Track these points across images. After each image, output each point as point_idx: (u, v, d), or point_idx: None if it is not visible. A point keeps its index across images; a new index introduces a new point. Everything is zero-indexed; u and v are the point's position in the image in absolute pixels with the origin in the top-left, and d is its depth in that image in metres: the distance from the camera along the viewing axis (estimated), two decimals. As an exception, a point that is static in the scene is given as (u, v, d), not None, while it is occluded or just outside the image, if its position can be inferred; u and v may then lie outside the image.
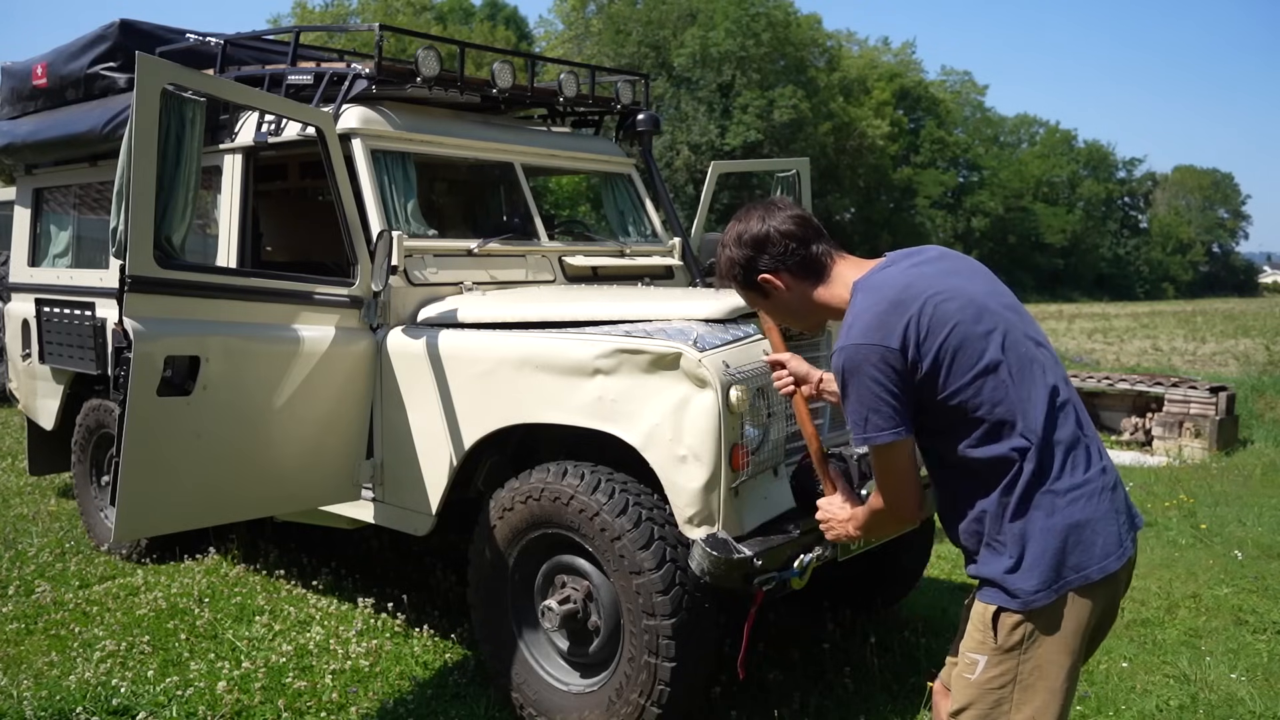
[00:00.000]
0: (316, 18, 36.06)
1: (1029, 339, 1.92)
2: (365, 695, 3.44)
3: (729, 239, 2.08)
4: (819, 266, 2.04)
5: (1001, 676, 1.87)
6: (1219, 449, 8.50)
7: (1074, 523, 1.83)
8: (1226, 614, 4.45)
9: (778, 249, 2.02)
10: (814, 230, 2.05)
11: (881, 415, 1.86)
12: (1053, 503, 1.83)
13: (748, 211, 2.08)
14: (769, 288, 2.06)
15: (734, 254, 2.07)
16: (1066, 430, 1.88)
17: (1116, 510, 1.89)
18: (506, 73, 4.31)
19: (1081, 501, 1.85)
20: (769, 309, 2.15)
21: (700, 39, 38.99)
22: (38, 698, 3.33)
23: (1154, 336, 22.77)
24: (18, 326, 5.45)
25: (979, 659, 1.89)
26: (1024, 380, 1.86)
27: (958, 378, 1.84)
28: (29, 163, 5.45)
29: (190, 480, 3.21)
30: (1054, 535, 1.82)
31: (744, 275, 2.08)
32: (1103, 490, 1.88)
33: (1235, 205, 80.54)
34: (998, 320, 1.89)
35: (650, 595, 2.91)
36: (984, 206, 55.88)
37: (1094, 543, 1.84)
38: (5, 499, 6.31)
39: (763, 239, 2.03)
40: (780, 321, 2.21)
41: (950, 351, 1.84)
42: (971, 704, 1.90)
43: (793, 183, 5.34)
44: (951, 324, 1.85)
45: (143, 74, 2.90)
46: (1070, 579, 1.83)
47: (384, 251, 3.51)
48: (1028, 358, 1.89)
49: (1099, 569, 1.84)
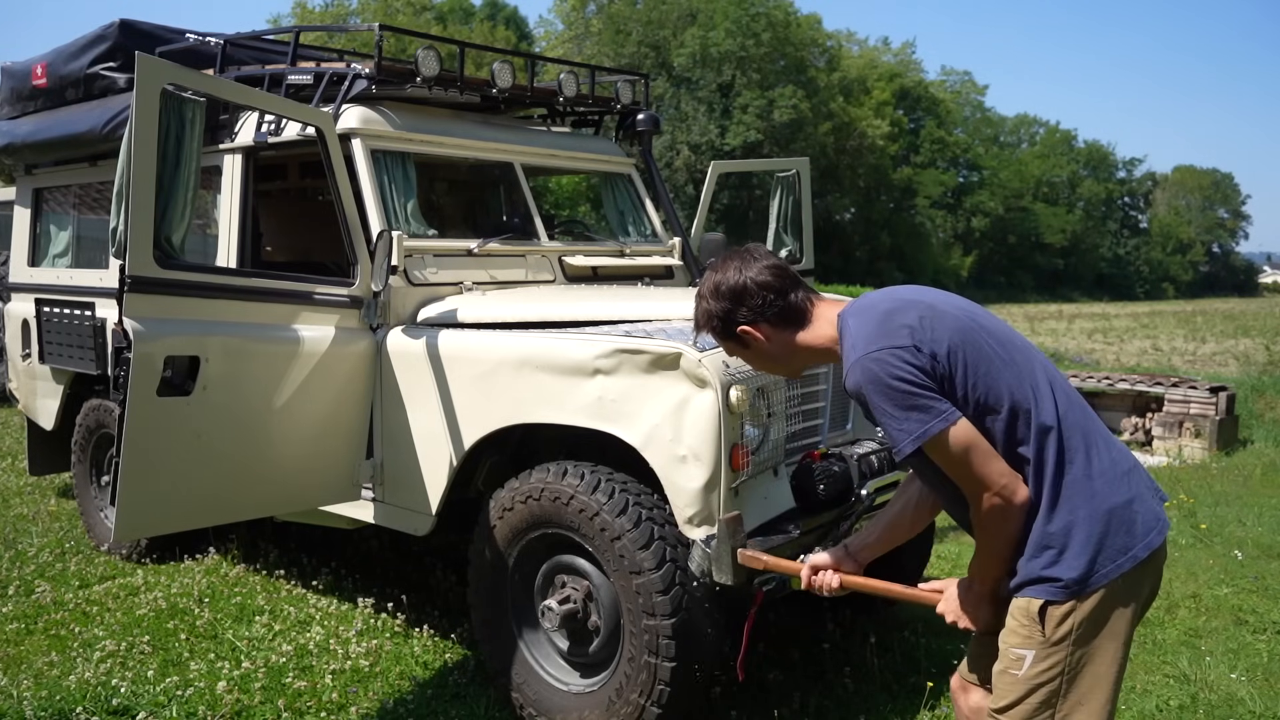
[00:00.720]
0: (316, 18, 36.07)
1: (1016, 339, 1.95)
2: (365, 695, 3.44)
3: (705, 290, 2.06)
4: (799, 314, 2.02)
5: (1051, 669, 1.84)
6: (1219, 449, 8.50)
7: (1113, 505, 1.83)
8: (1226, 614, 4.45)
9: (755, 301, 2.00)
10: (790, 279, 2.03)
11: (922, 409, 1.81)
12: (1089, 488, 1.83)
13: (724, 261, 2.06)
14: (748, 339, 2.04)
15: (711, 306, 2.04)
16: (1080, 416, 1.89)
17: (1145, 486, 1.90)
18: (506, 73, 4.31)
19: (1115, 483, 1.84)
20: (749, 358, 2.11)
21: (700, 39, 39.00)
22: (38, 698, 3.32)
23: (1154, 336, 22.78)
24: (18, 326, 5.45)
25: (1026, 653, 1.86)
26: (1029, 372, 1.88)
27: (974, 369, 1.85)
28: (29, 163, 5.45)
29: (190, 480, 3.21)
30: (1096, 521, 1.82)
31: (723, 327, 2.06)
32: (1129, 470, 1.88)
33: (1235, 205, 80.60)
34: (988, 323, 1.93)
35: (650, 595, 2.91)
36: (984, 206, 55.92)
37: (1134, 521, 1.84)
38: (5, 499, 6.31)
39: (740, 290, 2.00)
40: (760, 369, 2.17)
41: (959, 343, 1.85)
42: (1020, 700, 1.87)
43: (793, 183, 5.34)
44: (951, 320, 1.88)
45: (142, 74, 2.90)
46: (1120, 562, 1.82)
47: (384, 251, 3.51)
48: (1026, 351, 1.92)
49: (1144, 546, 1.84)
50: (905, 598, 2.19)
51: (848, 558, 2.22)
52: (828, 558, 2.24)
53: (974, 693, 2.15)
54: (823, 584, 2.22)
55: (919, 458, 1.89)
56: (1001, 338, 1.91)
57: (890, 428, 1.85)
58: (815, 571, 2.23)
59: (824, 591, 2.22)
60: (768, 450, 3.11)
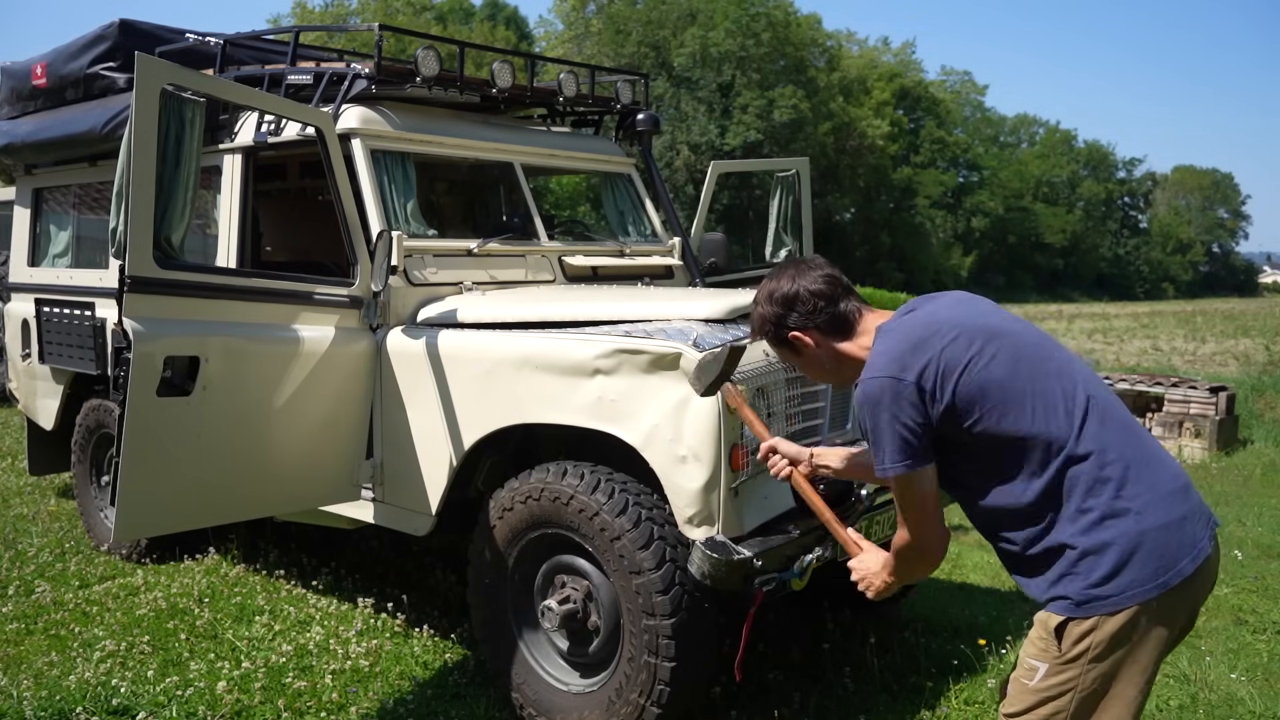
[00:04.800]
0: (316, 18, 36.09)
1: (1054, 357, 1.93)
2: (365, 695, 3.44)
3: (761, 296, 2.16)
4: (847, 323, 2.09)
5: (1060, 685, 1.85)
6: (1219, 449, 8.51)
7: (1146, 529, 1.81)
8: (1226, 614, 4.46)
9: (806, 307, 2.09)
10: (843, 288, 2.11)
11: (897, 447, 1.89)
12: (1124, 510, 1.82)
13: (781, 270, 2.16)
14: (799, 344, 2.12)
15: (765, 311, 2.15)
16: (1120, 435, 1.87)
17: (1191, 510, 1.87)
18: (506, 73, 4.31)
19: (1153, 506, 1.83)
20: (803, 366, 2.20)
21: (700, 39, 39.00)
22: (38, 698, 3.32)
23: (1154, 336, 22.78)
24: (18, 326, 5.45)
25: (1039, 666, 1.88)
26: (1066, 392, 1.87)
27: (992, 402, 1.85)
28: (29, 163, 5.45)
29: (190, 480, 3.21)
30: (1128, 543, 1.80)
31: (775, 332, 2.15)
32: (1172, 493, 1.86)
33: (1235, 205, 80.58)
34: (1014, 341, 1.92)
35: (650, 595, 2.91)
36: (984, 206, 55.93)
37: (1169, 546, 1.82)
38: (5, 499, 6.31)
39: (792, 298, 2.10)
40: (813, 377, 2.26)
41: (977, 379, 1.86)
42: (1027, 710, 1.89)
43: (792, 183, 5.34)
44: (978, 347, 1.88)
45: (142, 74, 2.90)
46: (1148, 587, 1.80)
47: (384, 251, 3.51)
48: (1067, 366, 1.92)
49: (1176, 573, 1.81)
50: (830, 526, 2.34)
51: (805, 461, 2.46)
52: (792, 448, 2.48)
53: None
54: (775, 468, 2.47)
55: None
56: (1038, 356, 1.91)
57: (877, 449, 1.93)
58: (774, 451, 2.48)
59: (773, 472, 2.48)
60: (768, 450, 3.10)
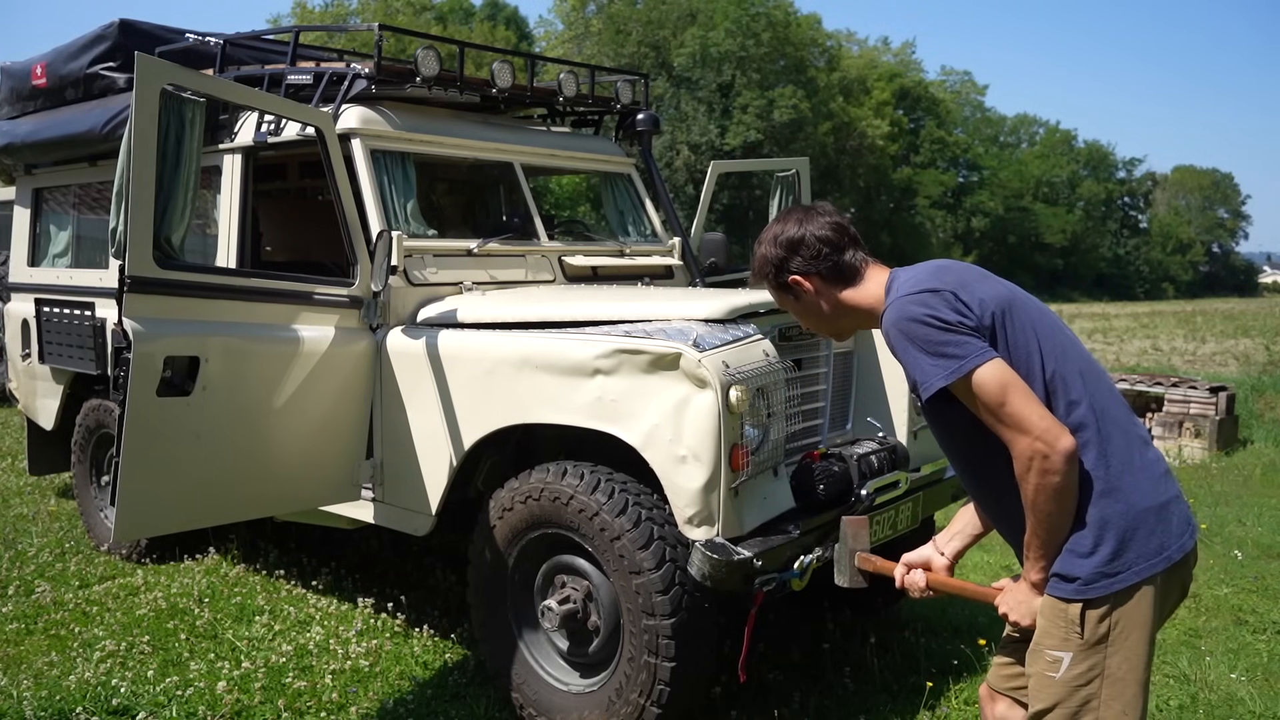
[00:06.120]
0: (316, 18, 36.06)
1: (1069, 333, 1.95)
2: (365, 695, 3.44)
3: (766, 238, 2.12)
4: (850, 272, 2.06)
5: (1090, 671, 1.82)
6: (1219, 449, 8.51)
7: (1149, 505, 1.82)
8: (1226, 614, 4.45)
9: (810, 252, 2.05)
10: (850, 238, 2.08)
11: (956, 345, 1.79)
12: (1129, 484, 1.81)
13: (789, 214, 2.12)
14: (798, 289, 2.10)
15: (768, 252, 2.11)
16: (1122, 412, 1.88)
17: (1178, 489, 1.90)
18: (506, 73, 4.31)
19: (1154, 482, 1.84)
20: (798, 310, 2.16)
21: (700, 39, 38.98)
22: (38, 698, 3.33)
23: (1154, 336, 22.77)
24: (18, 326, 5.45)
25: (1064, 656, 1.83)
26: (1073, 358, 1.88)
27: (1019, 334, 1.85)
28: (29, 163, 5.45)
29: (190, 480, 3.21)
30: (1136, 518, 1.80)
31: (775, 275, 2.11)
32: (1166, 471, 1.88)
33: (1235, 205, 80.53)
34: (1038, 306, 1.94)
35: (650, 595, 2.91)
36: (984, 206, 55.87)
37: (1170, 522, 1.83)
38: (5, 499, 6.31)
39: (797, 242, 2.07)
40: (807, 325, 2.21)
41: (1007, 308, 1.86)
42: (1058, 703, 1.84)
43: (792, 183, 5.34)
44: (1004, 288, 1.90)
45: (142, 74, 2.90)
46: (1154, 561, 1.81)
47: (384, 251, 3.51)
48: (1073, 340, 1.93)
49: (1179, 547, 1.83)
50: (977, 597, 2.16)
51: (936, 555, 2.20)
52: (919, 555, 2.22)
53: (1000, 702, 2.14)
54: (912, 584, 2.19)
55: (936, 410, 1.89)
56: (1050, 321, 1.92)
57: (918, 369, 1.82)
58: (909, 570, 2.20)
59: (913, 592, 2.19)
60: (768, 450, 3.10)
